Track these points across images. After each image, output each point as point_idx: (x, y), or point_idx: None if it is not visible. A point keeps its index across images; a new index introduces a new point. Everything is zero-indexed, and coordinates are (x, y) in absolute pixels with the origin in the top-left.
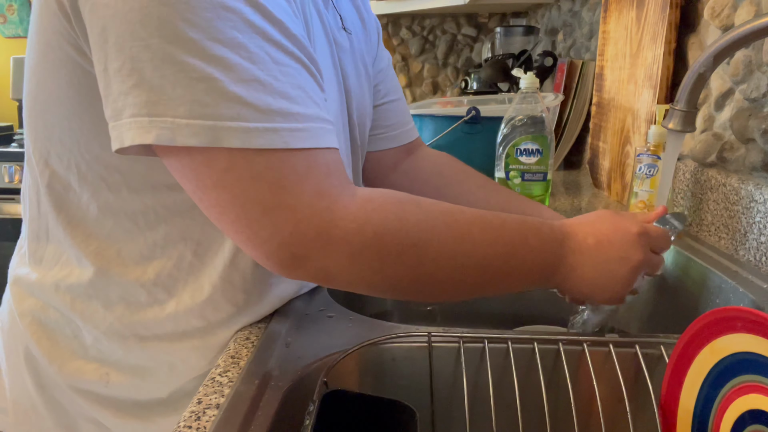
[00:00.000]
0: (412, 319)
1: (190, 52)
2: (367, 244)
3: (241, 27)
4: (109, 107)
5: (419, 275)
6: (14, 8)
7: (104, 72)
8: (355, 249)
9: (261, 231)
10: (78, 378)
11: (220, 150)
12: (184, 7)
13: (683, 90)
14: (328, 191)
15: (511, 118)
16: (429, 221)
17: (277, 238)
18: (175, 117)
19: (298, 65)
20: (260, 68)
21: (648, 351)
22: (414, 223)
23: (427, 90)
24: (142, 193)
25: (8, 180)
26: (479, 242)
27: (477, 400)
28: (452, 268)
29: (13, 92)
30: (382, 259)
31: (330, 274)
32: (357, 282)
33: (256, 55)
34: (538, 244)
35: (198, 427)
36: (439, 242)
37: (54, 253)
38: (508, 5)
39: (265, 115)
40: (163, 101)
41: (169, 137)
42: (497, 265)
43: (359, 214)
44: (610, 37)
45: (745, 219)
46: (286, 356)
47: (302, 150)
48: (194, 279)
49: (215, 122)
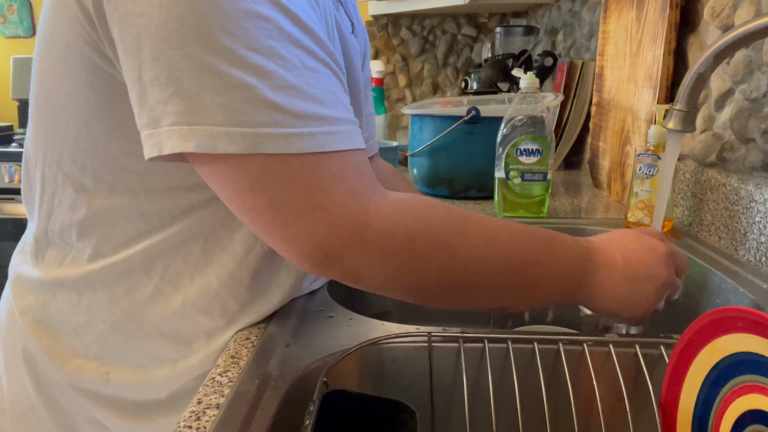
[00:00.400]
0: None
1: (228, 60)
2: (399, 244)
3: (275, 35)
4: (145, 115)
5: (448, 278)
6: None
7: (138, 80)
8: (387, 249)
9: (296, 233)
10: (78, 377)
11: (256, 156)
12: (221, 16)
13: (683, 90)
14: (362, 192)
15: (511, 118)
16: (458, 225)
17: (311, 239)
18: (214, 125)
19: (327, 70)
20: (294, 75)
21: (648, 351)
22: (445, 227)
23: (427, 90)
24: (158, 195)
25: (8, 180)
26: (507, 249)
27: (477, 400)
28: (480, 273)
29: (13, 92)
30: (413, 261)
31: (361, 274)
32: (387, 283)
33: (290, 63)
34: (565, 256)
35: (198, 427)
36: (469, 246)
37: (59, 252)
38: (508, 5)
39: (300, 120)
40: (202, 109)
41: (210, 145)
42: (524, 272)
43: (392, 215)
44: (610, 37)
45: (745, 219)
46: (286, 356)
47: (335, 152)
48: (201, 275)
49: (253, 129)
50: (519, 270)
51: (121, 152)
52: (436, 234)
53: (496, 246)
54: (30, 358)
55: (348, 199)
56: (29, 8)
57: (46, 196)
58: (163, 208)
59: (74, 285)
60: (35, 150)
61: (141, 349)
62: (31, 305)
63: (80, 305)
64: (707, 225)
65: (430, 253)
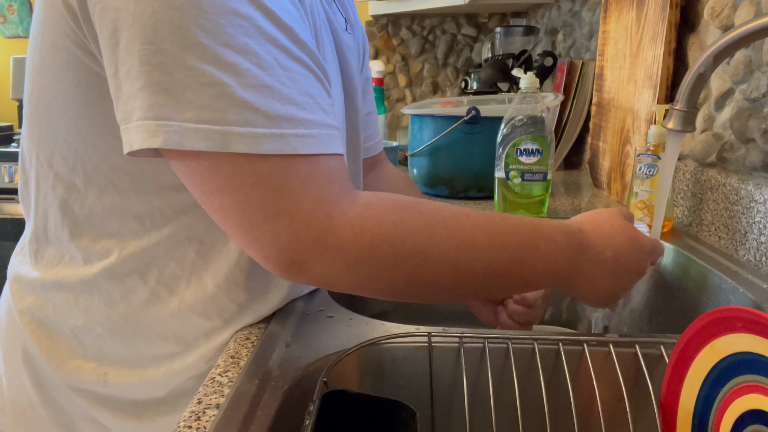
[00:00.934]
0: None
1: (201, 57)
2: (362, 253)
3: (252, 33)
4: (120, 110)
5: (419, 282)
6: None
7: (114, 75)
8: (351, 257)
9: (262, 236)
10: (76, 377)
11: (225, 155)
12: (196, 12)
13: (683, 90)
14: (328, 197)
15: (511, 118)
16: (429, 228)
17: (276, 244)
18: (183, 121)
19: (306, 71)
20: (269, 74)
21: (648, 351)
22: (412, 232)
23: (427, 90)
24: (149, 194)
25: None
26: (484, 248)
27: (477, 400)
28: (455, 275)
29: (13, 92)
30: (378, 267)
31: (329, 280)
32: (356, 287)
33: (266, 62)
34: (550, 252)
35: (198, 427)
36: (440, 250)
37: (56, 252)
38: (508, 5)
39: (273, 121)
40: (171, 105)
41: (177, 141)
42: (504, 271)
43: (356, 222)
44: (610, 37)
45: (745, 219)
46: (286, 356)
47: (307, 156)
48: (197, 278)
49: (224, 127)
50: (498, 270)
51: (110, 151)
52: (403, 241)
53: (471, 247)
54: (29, 358)
55: (314, 204)
56: (29, 8)
57: (40, 196)
58: (154, 208)
59: (72, 287)
60: (29, 150)
61: (139, 350)
62: (30, 306)
63: (78, 308)
64: (707, 225)
65: (397, 260)
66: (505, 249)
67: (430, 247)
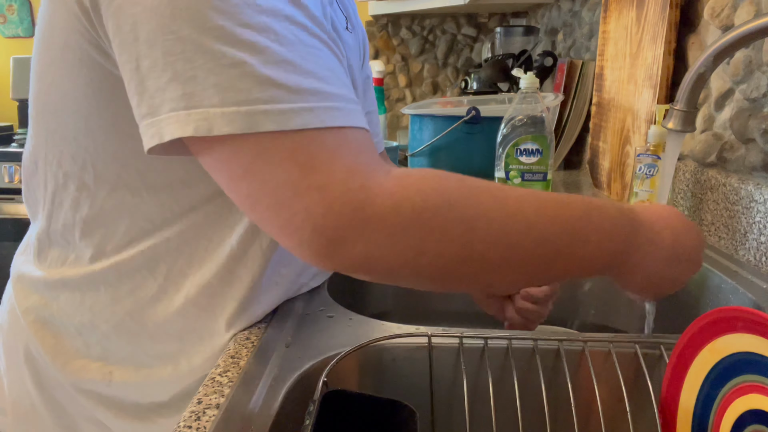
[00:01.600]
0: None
1: (220, 39)
2: (405, 223)
3: (268, 11)
4: (145, 105)
5: (469, 255)
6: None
7: (136, 70)
8: (394, 228)
9: (294, 218)
10: (81, 377)
11: (249, 138)
12: None
13: (683, 90)
14: (362, 168)
15: (511, 118)
16: (475, 196)
17: (310, 223)
18: (210, 107)
19: (325, 47)
20: (289, 50)
21: (648, 351)
22: (458, 198)
23: (427, 90)
24: (159, 191)
25: (8, 180)
26: (534, 219)
27: (477, 400)
28: (505, 247)
29: (13, 92)
30: (424, 238)
31: (370, 260)
32: (400, 267)
33: (285, 38)
34: (605, 225)
35: (198, 427)
36: (488, 219)
37: (62, 252)
38: (508, 5)
39: (298, 95)
40: (198, 92)
41: (207, 128)
42: (556, 246)
43: (395, 191)
44: (610, 37)
45: (745, 219)
46: (286, 356)
47: (333, 129)
48: (201, 274)
49: (250, 107)
50: (550, 245)
51: (121, 148)
52: (449, 207)
53: (520, 218)
54: (31, 358)
55: (347, 175)
56: (29, 8)
57: (48, 196)
58: (164, 206)
59: (77, 285)
60: (36, 150)
61: (144, 348)
62: (34, 305)
63: (83, 305)
64: (707, 225)
65: (444, 228)
66: (556, 222)
67: (477, 215)
